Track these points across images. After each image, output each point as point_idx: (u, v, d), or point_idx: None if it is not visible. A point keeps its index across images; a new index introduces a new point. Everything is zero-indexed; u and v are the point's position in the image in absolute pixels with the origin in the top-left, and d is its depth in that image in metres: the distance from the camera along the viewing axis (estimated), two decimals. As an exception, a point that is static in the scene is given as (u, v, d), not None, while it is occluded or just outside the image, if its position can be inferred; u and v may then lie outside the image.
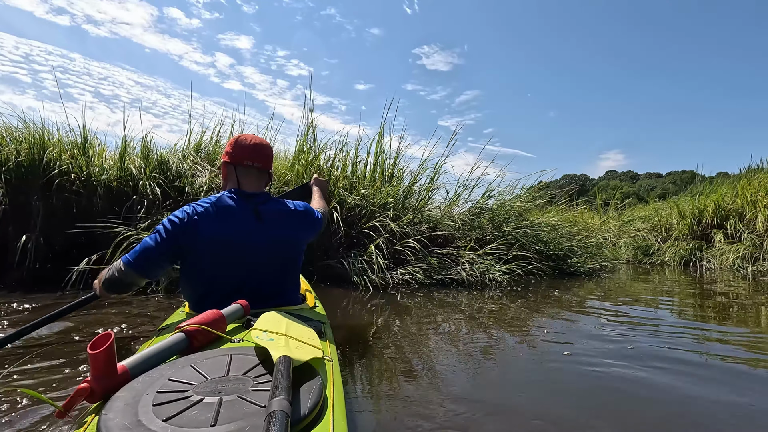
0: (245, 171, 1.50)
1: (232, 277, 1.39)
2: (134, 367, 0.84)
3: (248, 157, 1.49)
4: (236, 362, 0.87)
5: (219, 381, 0.79)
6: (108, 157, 4.03)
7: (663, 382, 1.66)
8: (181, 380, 0.79)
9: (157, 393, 0.75)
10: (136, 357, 0.87)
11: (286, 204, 1.53)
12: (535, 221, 5.48)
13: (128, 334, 2.15)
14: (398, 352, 2.00)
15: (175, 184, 3.91)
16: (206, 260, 1.38)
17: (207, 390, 0.76)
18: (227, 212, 1.40)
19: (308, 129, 4.54)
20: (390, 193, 4.42)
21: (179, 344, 0.96)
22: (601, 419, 1.35)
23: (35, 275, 3.44)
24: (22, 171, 3.59)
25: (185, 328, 1.00)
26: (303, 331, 1.06)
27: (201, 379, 0.80)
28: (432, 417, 1.32)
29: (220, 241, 1.37)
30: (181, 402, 0.72)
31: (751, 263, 6.03)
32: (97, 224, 3.34)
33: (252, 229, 1.40)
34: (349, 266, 3.79)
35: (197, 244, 1.36)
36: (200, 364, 0.86)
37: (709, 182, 8.63)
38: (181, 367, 0.85)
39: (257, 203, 1.45)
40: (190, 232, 1.35)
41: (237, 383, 0.79)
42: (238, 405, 0.72)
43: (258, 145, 1.53)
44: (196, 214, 1.37)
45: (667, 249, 7.36)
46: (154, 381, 0.79)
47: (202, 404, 0.72)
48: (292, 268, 1.52)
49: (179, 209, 1.42)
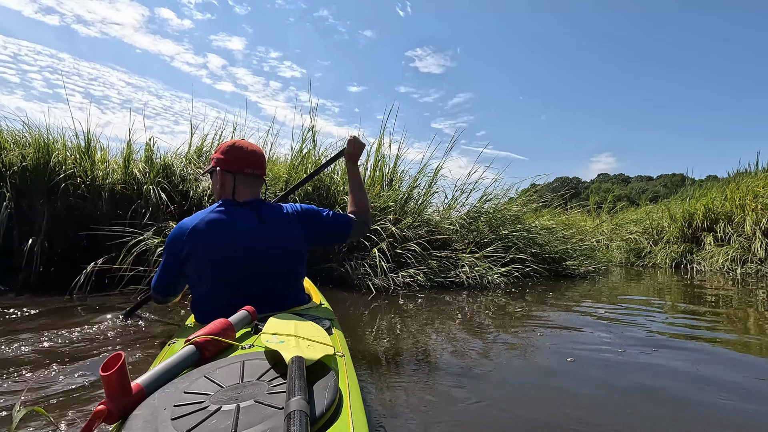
0: (245, 179, 1.49)
1: (237, 287, 1.39)
2: (148, 384, 0.84)
3: (249, 164, 1.49)
4: (249, 368, 0.87)
5: (234, 388, 0.80)
6: (111, 161, 4.07)
7: (659, 383, 1.75)
8: (196, 392, 0.80)
9: (175, 407, 0.75)
10: (149, 374, 0.88)
11: (281, 207, 1.53)
12: (531, 224, 5.59)
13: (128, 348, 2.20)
14: (397, 355, 2.07)
15: (178, 188, 3.95)
16: (210, 277, 1.39)
17: (223, 398, 0.76)
18: (225, 226, 1.40)
19: (309, 131, 4.58)
20: (390, 197, 4.50)
21: (191, 357, 0.96)
22: (599, 421, 1.43)
23: (41, 278, 3.47)
24: (27, 175, 3.62)
25: (195, 340, 1.00)
26: (312, 329, 1.08)
27: (216, 389, 0.80)
28: (436, 416, 1.39)
29: (221, 258, 1.38)
30: (199, 413, 0.72)
31: (740, 265, 6.19)
32: (105, 228, 3.38)
33: (256, 235, 1.41)
34: (352, 269, 3.86)
35: (199, 266, 1.39)
36: (214, 374, 0.86)
37: (698, 185, 8.82)
38: (195, 379, 0.85)
39: (256, 207, 1.46)
40: (190, 259, 1.38)
41: (252, 388, 0.79)
42: (256, 410, 0.72)
43: (257, 152, 1.54)
44: (192, 238, 1.37)
45: (659, 251, 7.52)
46: (170, 395, 0.79)
47: (221, 413, 0.72)
48: (297, 271, 1.52)
49: (174, 231, 1.41)
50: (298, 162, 4.46)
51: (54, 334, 2.14)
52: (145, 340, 2.15)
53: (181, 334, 1.37)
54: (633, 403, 1.52)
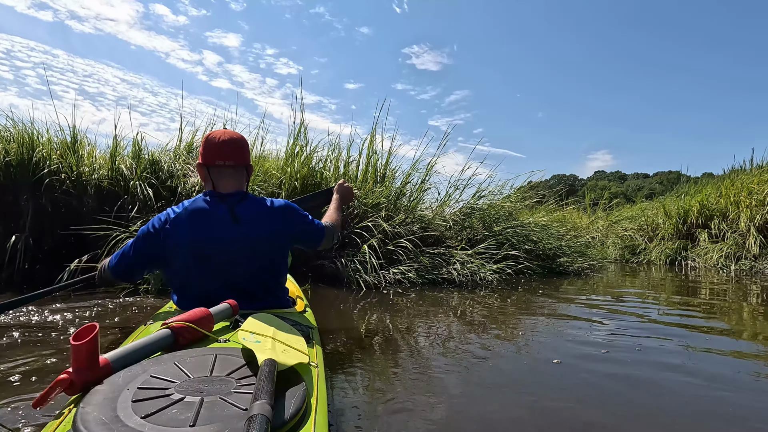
0: (218, 171, 1.44)
1: (212, 280, 1.39)
2: (116, 360, 0.83)
3: (218, 155, 1.43)
4: (221, 362, 0.86)
5: (202, 381, 0.78)
6: (98, 156, 4.01)
7: (650, 380, 1.72)
8: (163, 377, 0.79)
9: (138, 389, 0.74)
10: (119, 351, 0.86)
11: (263, 202, 1.48)
12: (525, 221, 5.56)
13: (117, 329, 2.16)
14: (387, 352, 2.03)
15: (166, 184, 3.90)
16: (185, 266, 1.39)
17: (189, 389, 0.75)
18: (201, 216, 1.39)
19: (299, 128, 4.54)
20: (382, 193, 4.45)
21: (164, 340, 0.95)
22: (594, 421, 1.40)
23: (25, 275, 3.41)
24: (10, 170, 3.56)
25: (171, 325, 0.98)
26: (291, 335, 1.05)
27: (184, 378, 0.79)
28: (418, 419, 1.36)
29: (195, 247, 1.37)
30: (161, 399, 0.71)
31: (734, 262, 6.19)
32: (90, 226, 3.33)
33: (228, 230, 1.39)
34: (343, 266, 3.82)
35: (173, 253, 1.38)
36: (184, 362, 0.85)
37: (694, 183, 8.81)
38: (164, 364, 0.84)
39: (233, 203, 1.42)
40: (163, 244, 1.38)
41: (220, 384, 0.78)
42: (219, 406, 0.71)
43: (227, 141, 1.44)
44: (169, 223, 1.38)
45: (654, 248, 7.52)
46: (135, 376, 0.79)
47: (183, 403, 0.71)
48: (276, 268, 1.50)
49: (155, 217, 1.42)
50: (289, 159, 4.40)
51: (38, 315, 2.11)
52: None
53: (159, 317, 1.37)
54: (617, 402, 1.49)
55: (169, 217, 1.39)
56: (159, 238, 1.38)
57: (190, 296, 1.40)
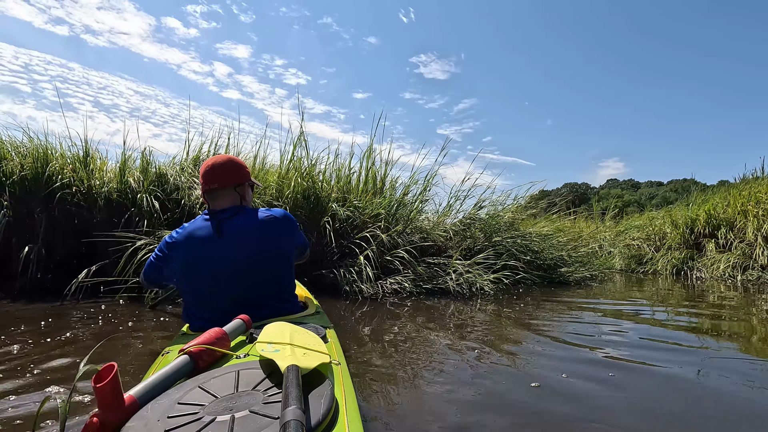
0: (210, 195, 1.57)
1: (219, 298, 1.46)
2: (142, 395, 0.83)
3: (205, 181, 1.56)
4: (244, 377, 0.86)
5: (229, 398, 0.78)
6: (108, 170, 4.19)
7: (645, 392, 1.75)
8: (190, 402, 0.78)
9: (168, 418, 0.73)
10: (143, 385, 0.86)
11: (256, 214, 1.54)
12: (526, 231, 5.57)
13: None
14: (382, 362, 2.10)
15: (172, 196, 4.04)
16: (188, 283, 1.50)
17: (218, 409, 0.75)
18: (195, 235, 1.49)
19: (298, 139, 4.57)
20: (381, 204, 4.53)
21: (185, 367, 0.95)
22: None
23: (37, 285, 3.57)
24: (25, 184, 3.74)
25: (189, 350, 0.98)
26: (307, 338, 1.06)
27: (211, 399, 0.79)
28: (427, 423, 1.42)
29: (191, 265, 1.47)
30: (193, 425, 0.71)
31: (741, 272, 6.10)
32: (98, 237, 3.47)
33: (213, 245, 1.46)
34: (341, 276, 3.90)
35: (176, 273, 1.51)
36: (208, 384, 0.85)
37: (702, 191, 8.71)
38: (189, 390, 0.83)
39: (222, 219, 1.50)
40: (168, 265, 1.51)
41: (248, 398, 0.78)
42: (251, 420, 0.71)
43: (212, 167, 1.56)
44: (171, 247, 1.50)
45: (660, 258, 7.44)
46: (163, 407, 0.78)
47: (215, 424, 0.70)
48: (280, 276, 1.54)
49: (164, 239, 1.54)
50: (288, 170, 4.49)
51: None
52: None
53: (176, 344, 1.37)
54: (605, 417, 1.53)
55: (169, 242, 1.51)
56: (165, 262, 1.52)
57: (201, 317, 1.46)
